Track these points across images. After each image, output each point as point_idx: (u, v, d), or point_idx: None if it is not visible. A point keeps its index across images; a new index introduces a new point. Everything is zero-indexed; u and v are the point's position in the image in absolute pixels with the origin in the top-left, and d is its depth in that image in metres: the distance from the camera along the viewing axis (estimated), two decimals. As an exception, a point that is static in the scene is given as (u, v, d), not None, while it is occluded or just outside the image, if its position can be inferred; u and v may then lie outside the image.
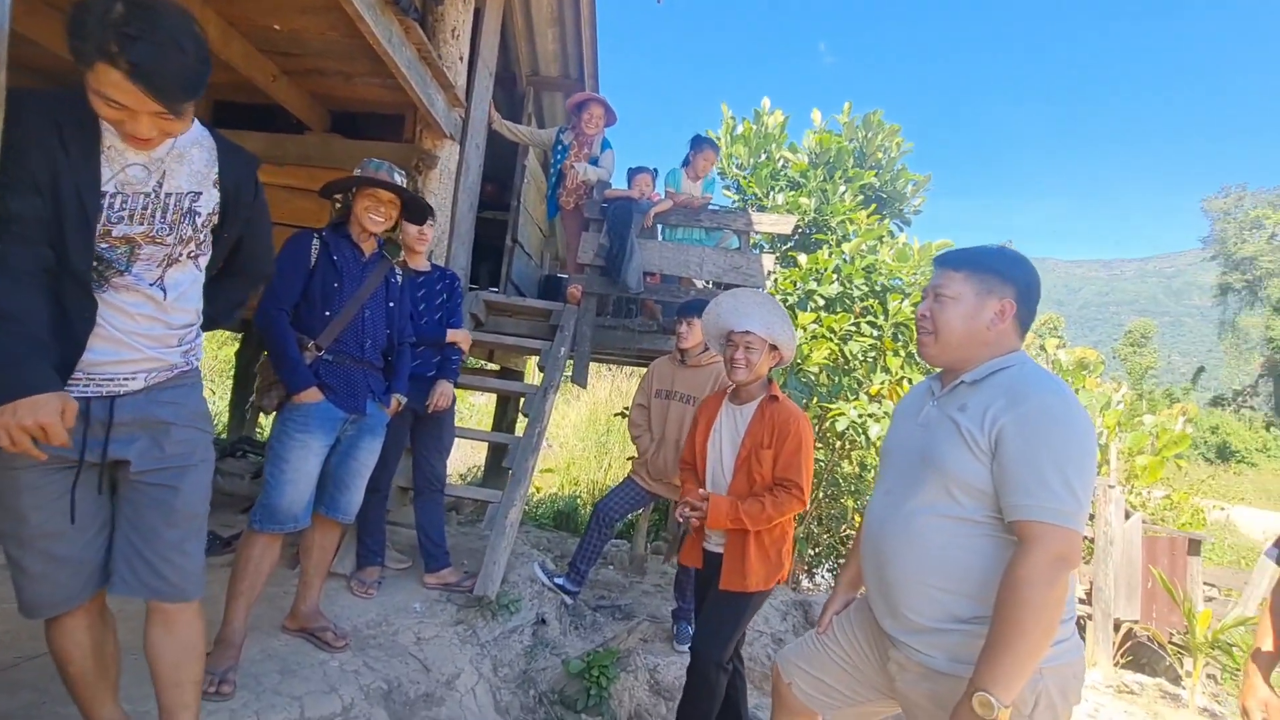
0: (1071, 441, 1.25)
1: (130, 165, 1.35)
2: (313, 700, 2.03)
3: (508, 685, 2.73)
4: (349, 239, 2.38)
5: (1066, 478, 1.22)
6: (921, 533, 1.38)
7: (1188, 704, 4.74)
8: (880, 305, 4.44)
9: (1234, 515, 10.73)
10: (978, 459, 1.31)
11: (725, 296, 2.35)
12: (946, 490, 1.35)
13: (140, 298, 1.39)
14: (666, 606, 3.56)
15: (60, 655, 1.47)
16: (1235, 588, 6.40)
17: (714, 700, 2.21)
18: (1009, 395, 1.32)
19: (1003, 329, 1.43)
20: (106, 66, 1.17)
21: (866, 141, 5.85)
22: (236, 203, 1.53)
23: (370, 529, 2.94)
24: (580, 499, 7.61)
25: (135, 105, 1.22)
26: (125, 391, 1.38)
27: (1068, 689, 1.29)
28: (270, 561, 2.17)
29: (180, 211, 1.42)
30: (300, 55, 3.63)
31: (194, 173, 1.44)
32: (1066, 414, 1.27)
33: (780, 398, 2.28)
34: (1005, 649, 1.18)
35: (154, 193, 1.38)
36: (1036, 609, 1.18)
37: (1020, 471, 1.25)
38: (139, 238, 1.37)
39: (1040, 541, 1.20)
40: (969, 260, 1.48)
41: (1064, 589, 1.20)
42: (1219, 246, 41.37)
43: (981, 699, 1.17)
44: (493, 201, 5.42)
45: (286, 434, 2.18)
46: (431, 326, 3.02)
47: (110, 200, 1.33)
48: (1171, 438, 5.95)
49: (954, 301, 1.46)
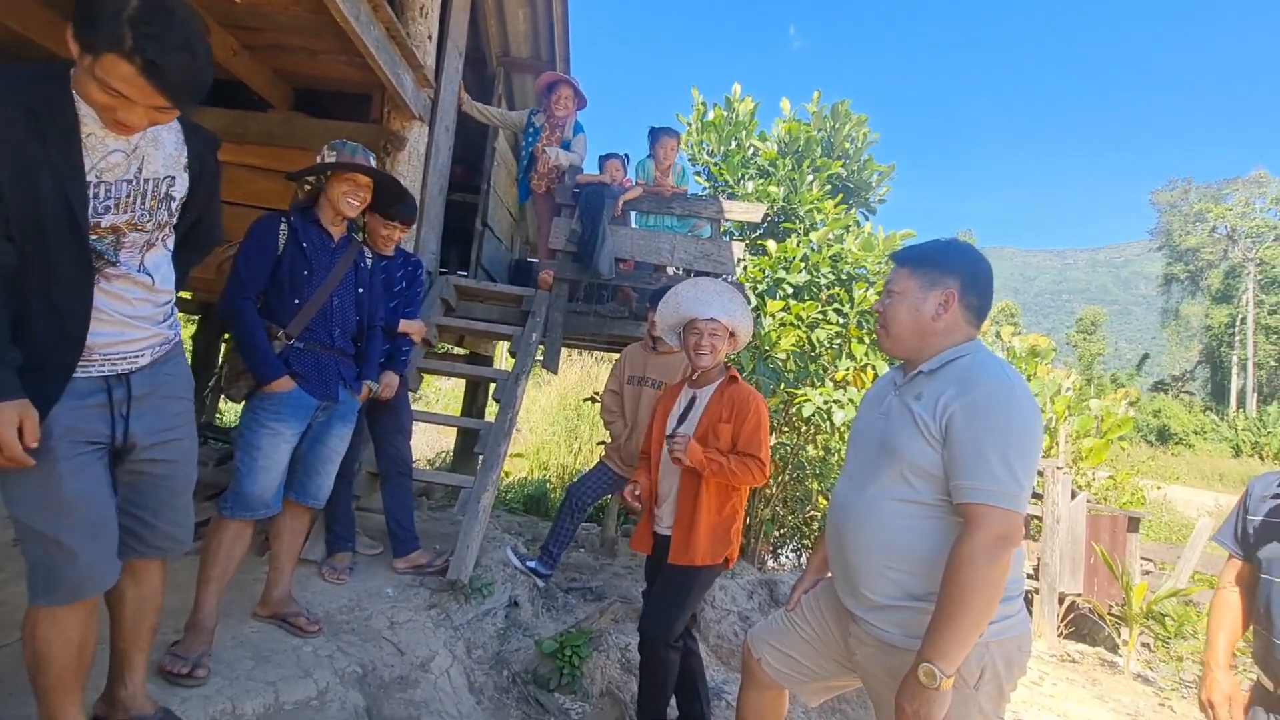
0: (1014, 427, 1.32)
1: (112, 152, 1.34)
2: (287, 685, 2.04)
3: (481, 666, 2.77)
4: (317, 223, 2.34)
5: (1008, 461, 1.29)
6: (879, 516, 1.45)
7: (1124, 671, 5.06)
8: (846, 293, 4.55)
9: (1170, 494, 11.36)
10: (930, 445, 1.39)
11: (684, 285, 2.40)
12: (902, 475, 1.43)
13: (132, 284, 1.42)
14: (637, 588, 3.64)
15: (44, 653, 1.41)
16: (1170, 561, 6.81)
17: (668, 677, 2.28)
18: (959, 383, 1.39)
19: (949, 319, 1.49)
20: (117, 59, 1.18)
21: (834, 131, 5.94)
22: (201, 183, 1.54)
23: (339, 515, 2.92)
24: (550, 483, 7.64)
25: (140, 99, 1.23)
26: (137, 368, 1.44)
27: (1013, 661, 1.38)
28: (241, 548, 2.16)
29: (158, 197, 1.42)
30: (262, 30, 3.52)
31: (167, 157, 1.44)
32: (1010, 400, 1.34)
33: (738, 379, 2.36)
34: (948, 624, 1.26)
35: (134, 179, 1.38)
36: (977, 586, 1.25)
37: (965, 455, 1.32)
38: (124, 226, 1.37)
39: (982, 522, 1.28)
40: (913, 256, 1.56)
41: (1004, 568, 1.28)
42: (1165, 238, 43.22)
43: (926, 670, 1.26)
44: (462, 184, 5.35)
45: (258, 422, 2.17)
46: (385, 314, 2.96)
47: (95, 190, 1.32)
48: (1115, 421, 6.27)
49: (901, 296, 1.54)
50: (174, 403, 1.53)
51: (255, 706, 1.92)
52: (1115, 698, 4.48)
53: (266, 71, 4.01)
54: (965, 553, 1.27)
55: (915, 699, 1.28)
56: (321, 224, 2.34)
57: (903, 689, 1.31)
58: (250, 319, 2.17)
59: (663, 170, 4.48)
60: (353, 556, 2.98)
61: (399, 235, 2.95)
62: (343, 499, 2.91)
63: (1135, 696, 4.55)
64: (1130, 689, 4.70)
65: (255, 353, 2.15)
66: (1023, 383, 1.40)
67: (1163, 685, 4.93)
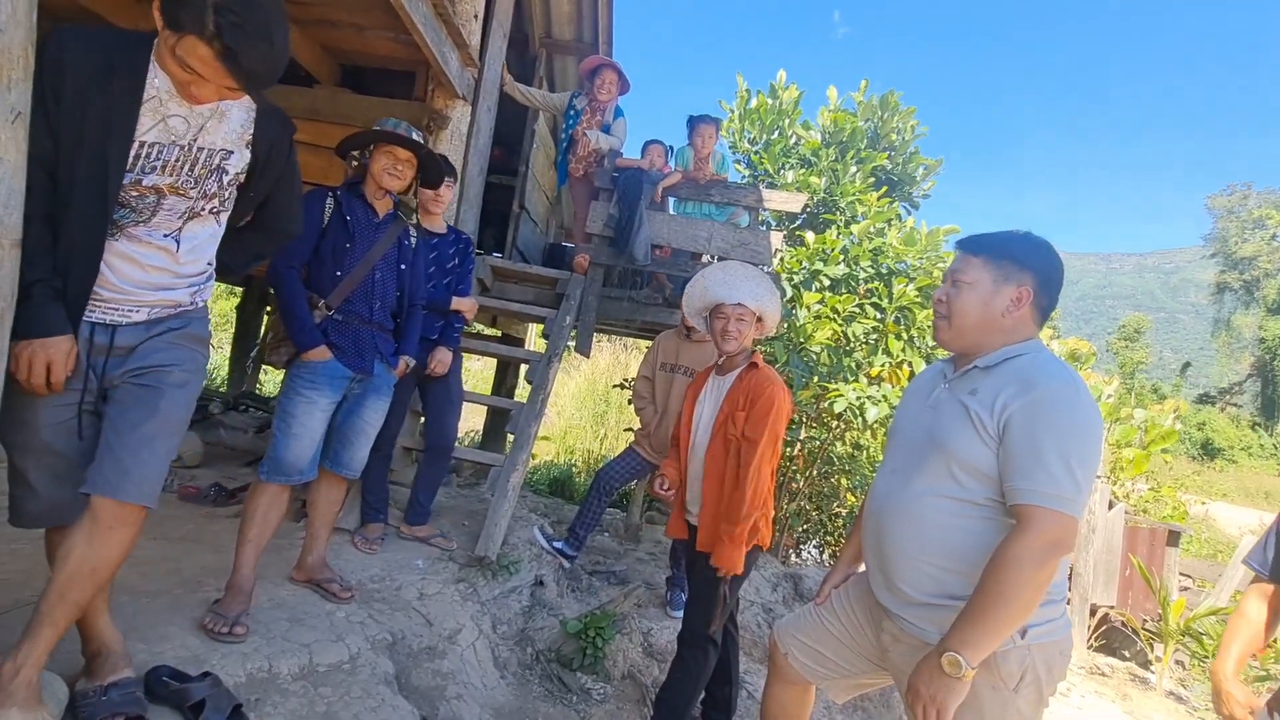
0: (1077, 429, 1.27)
1: (172, 116, 1.36)
2: (321, 648, 2.09)
3: (506, 642, 2.81)
4: (363, 198, 2.38)
5: (1068, 464, 1.24)
6: (922, 511, 1.41)
7: (1156, 687, 4.92)
8: (885, 288, 4.45)
9: (1213, 510, 10.96)
10: (984, 443, 1.34)
11: (711, 269, 2.36)
12: (949, 471, 1.38)
13: (153, 249, 1.41)
14: (660, 573, 3.65)
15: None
16: (1210, 579, 6.59)
17: (702, 677, 2.25)
18: (1020, 382, 1.33)
19: (1019, 316, 1.43)
20: (198, 41, 1.21)
21: (882, 122, 5.79)
22: (268, 164, 1.55)
23: (373, 487, 2.98)
24: (576, 467, 7.69)
25: (214, 80, 1.27)
26: (128, 322, 1.42)
27: (1053, 665, 1.34)
28: (278, 512, 2.21)
29: (209, 168, 1.43)
30: (312, 4, 3.55)
31: (230, 131, 1.45)
32: (1075, 402, 1.29)
33: (761, 366, 2.30)
34: (982, 618, 1.23)
35: (189, 146, 1.39)
36: (1019, 587, 1.21)
37: (1023, 456, 1.27)
38: (165, 189, 1.39)
39: (1035, 524, 1.23)
40: (988, 246, 1.48)
41: (1051, 572, 1.24)
42: (1219, 245, 41.39)
43: (951, 659, 1.23)
44: (500, 166, 5.36)
45: (295, 390, 2.21)
46: (439, 291, 3.01)
47: (147, 150, 1.34)
48: (1160, 433, 6.05)
49: (970, 287, 1.46)
50: (172, 345, 1.46)
51: (290, 666, 1.97)
52: (1146, 715, 4.36)
53: (314, 47, 4.05)
54: (1014, 552, 1.23)
55: (933, 684, 1.26)
56: (367, 199, 2.37)
57: (920, 672, 1.29)
58: (293, 286, 2.22)
59: (701, 158, 4.42)
60: (384, 528, 3.04)
61: (448, 195, 2.99)
62: (378, 471, 2.96)
63: (1167, 715, 4.42)
64: (1162, 706, 4.57)
65: (295, 320, 2.20)
66: (1085, 386, 1.34)
67: (1196, 704, 4.78)
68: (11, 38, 1.15)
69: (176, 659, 1.81)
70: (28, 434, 1.36)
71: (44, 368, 1.29)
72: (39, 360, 1.29)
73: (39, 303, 1.29)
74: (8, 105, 1.16)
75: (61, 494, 1.41)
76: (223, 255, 1.60)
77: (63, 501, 1.42)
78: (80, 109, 1.26)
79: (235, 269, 1.73)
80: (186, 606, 2.11)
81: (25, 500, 1.41)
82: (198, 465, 3.80)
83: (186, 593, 2.23)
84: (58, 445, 1.38)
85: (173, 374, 1.45)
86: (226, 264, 1.65)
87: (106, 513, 1.36)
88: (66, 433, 1.39)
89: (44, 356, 1.29)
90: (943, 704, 1.25)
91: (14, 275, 1.23)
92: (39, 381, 1.30)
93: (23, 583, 2.08)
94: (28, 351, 1.28)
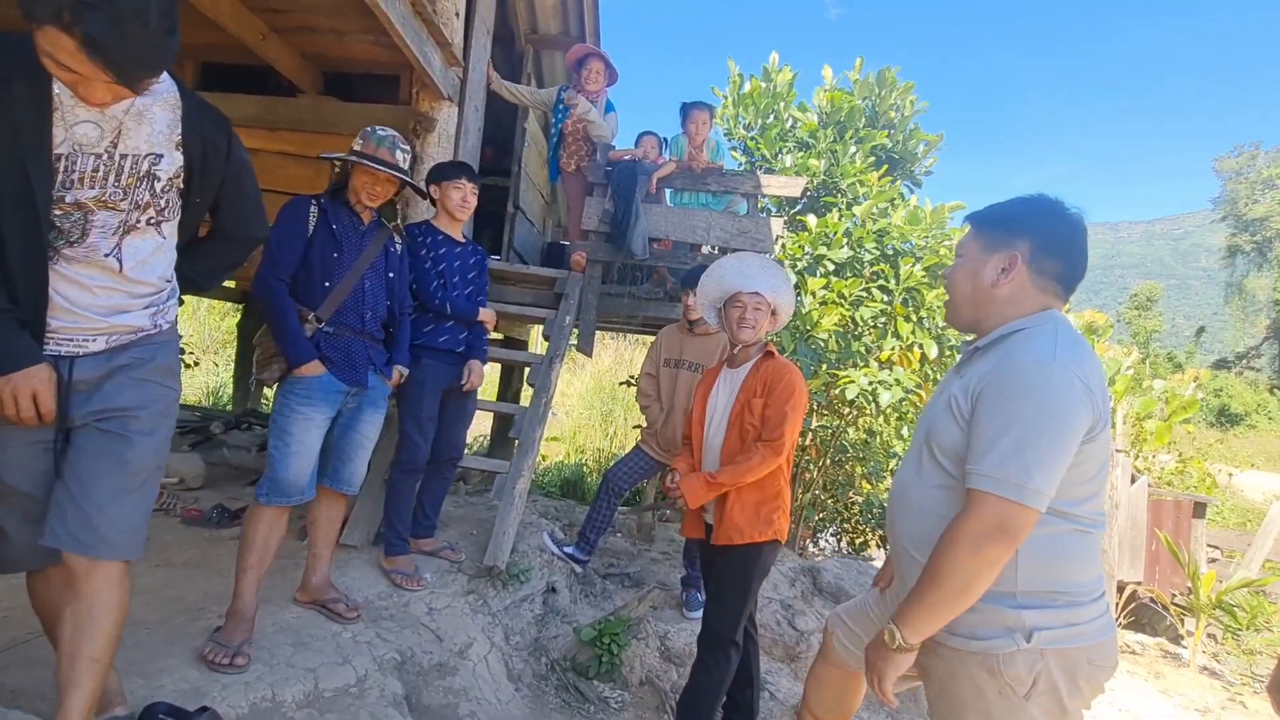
0: (1038, 411, 1.16)
1: (82, 123, 1.25)
2: (327, 671, 2.03)
3: (520, 653, 2.74)
4: (347, 206, 2.31)
5: (1022, 449, 1.15)
6: (916, 502, 1.37)
7: (1189, 663, 4.81)
8: (891, 270, 4.34)
9: (1238, 479, 10.77)
10: (958, 425, 1.27)
11: (728, 259, 2.33)
12: (935, 458, 1.32)
13: (95, 269, 1.31)
14: (675, 574, 3.57)
15: (44, 610, 1.44)
16: (1239, 549, 6.45)
17: (724, 681, 2.19)
18: (997, 360, 1.26)
19: (1013, 286, 1.32)
20: (58, 33, 1.06)
21: (880, 100, 5.65)
22: (205, 165, 1.43)
23: (401, 512, 2.81)
24: (586, 467, 7.63)
25: (89, 74, 1.12)
26: (85, 352, 1.33)
27: (1077, 674, 1.21)
28: (278, 534, 2.16)
29: (136, 175, 1.32)
30: (290, 11, 3.49)
31: (154, 133, 1.33)
32: (1043, 382, 1.18)
33: (775, 355, 2.29)
34: (919, 595, 1.23)
35: (107, 154, 1.28)
36: (953, 568, 1.18)
37: (978, 436, 1.21)
38: (91, 203, 1.28)
39: (979, 509, 1.17)
40: (982, 215, 1.42)
41: (988, 560, 1.16)
42: (1229, 207, 40.70)
43: (889, 630, 1.27)
44: (492, 167, 5.28)
45: (289, 407, 2.15)
46: (463, 301, 2.88)
47: (62, 163, 1.24)
48: (1181, 403, 5.92)
49: (961, 262, 1.41)
50: (138, 382, 1.37)
51: (295, 694, 1.91)
52: (1181, 692, 4.25)
53: (295, 55, 3.98)
54: (954, 532, 1.19)
55: (873, 652, 1.32)
56: (351, 206, 2.30)
57: (871, 642, 1.35)
58: (282, 300, 2.15)
59: (696, 146, 4.32)
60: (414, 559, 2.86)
61: (473, 201, 2.90)
62: (406, 496, 2.82)
63: (1202, 691, 4.31)
64: (1196, 683, 4.46)
65: (286, 334, 2.13)
66: (1071, 364, 1.19)
67: (1232, 679, 4.66)
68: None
69: (176, 692, 1.75)
70: None
71: (30, 400, 1.23)
72: (23, 393, 1.22)
73: (5, 335, 1.22)
74: None
75: (34, 536, 1.34)
76: (187, 269, 1.51)
77: (36, 544, 1.35)
78: None
79: (202, 283, 1.63)
80: (188, 635, 2.06)
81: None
82: (200, 487, 3.75)
83: (188, 621, 2.18)
84: (24, 486, 1.31)
85: (140, 419, 1.36)
86: (191, 279, 1.56)
87: (78, 565, 1.30)
88: (36, 474, 1.32)
89: (27, 389, 1.23)
90: (880, 672, 1.29)
91: None
92: (29, 416, 1.24)
93: (20, 619, 2.03)
94: (9, 387, 1.22)
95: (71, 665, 1.30)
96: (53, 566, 1.39)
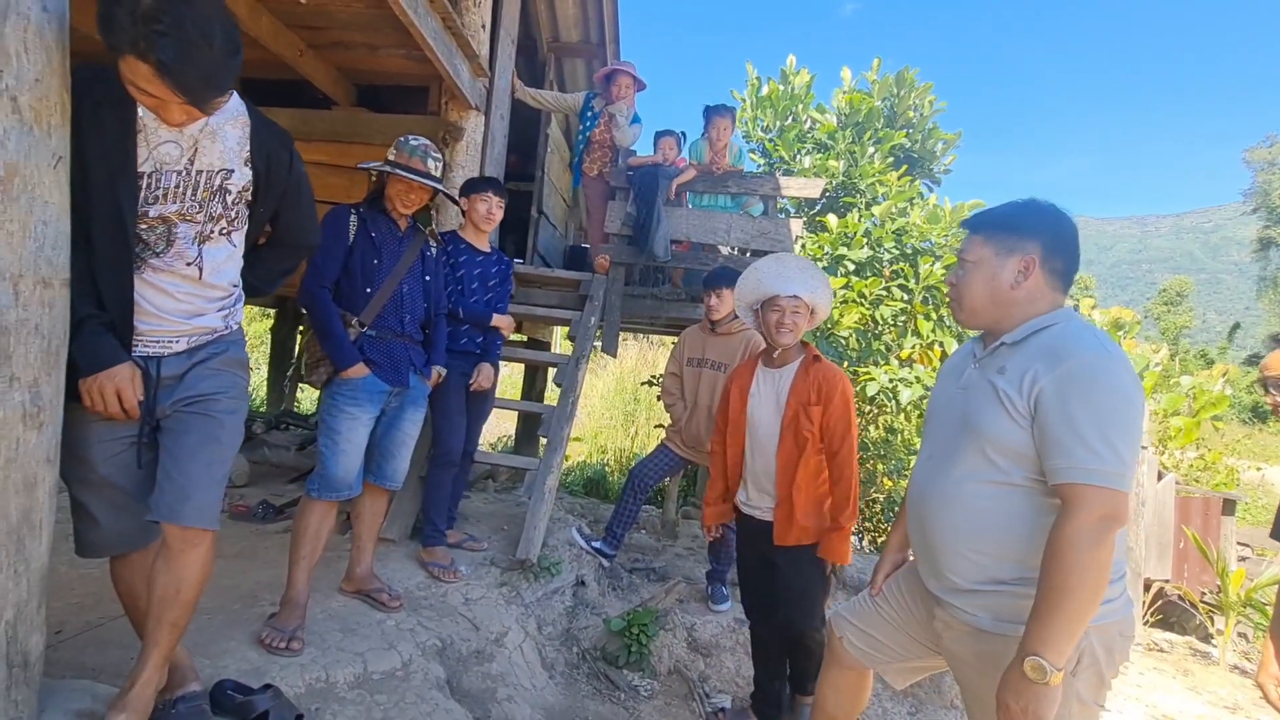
0: (1113, 400, 1.23)
1: (164, 143, 1.37)
2: (374, 656, 2.14)
3: (552, 643, 2.84)
4: (385, 214, 2.42)
5: (1108, 437, 1.20)
6: (961, 497, 1.39)
7: (1218, 661, 4.76)
8: (911, 269, 4.38)
9: (1269, 475, 10.54)
10: (1016, 422, 1.30)
11: (766, 261, 2.34)
12: (984, 454, 1.35)
13: (178, 278, 1.44)
14: (700, 568, 3.65)
15: (127, 592, 1.56)
16: (1270, 547, 6.34)
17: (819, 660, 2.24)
18: (1049, 356, 1.30)
19: (1031, 287, 1.40)
20: (135, 60, 1.18)
21: (899, 100, 5.68)
22: (269, 178, 1.55)
23: (438, 506, 2.93)
24: (609, 466, 7.73)
25: (165, 96, 1.23)
26: (170, 352, 1.46)
27: (1113, 647, 1.30)
28: (328, 527, 2.28)
29: (211, 189, 1.44)
30: (326, 28, 3.63)
31: (226, 150, 1.46)
32: (1108, 371, 1.24)
33: (823, 359, 2.31)
34: (1053, 612, 1.18)
35: (185, 170, 1.40)
36: (1082, 571, 1.17)
37: (1060, 433, 1.23)
38: (174, 216, 1.41)
39: (1083, 503, 1.20)
40: (987, 221, 1.47)
41: (1110, 550, 1.20)
42: (1261, 199, 39.59)
43: (1034, 663, 1.17)
44: (516, 173, 5.40)
45: (337, 407, 2.26)
46: (479, 307, 3.02)
47: (147, 180, 1.36)
48: (1209, 399, 5.84)
49: (975, 266, 1.45)
50: (217, 375, 1.50)
51: (346, 675, 2.03)
52: (1210, 690, 4.22)
53: (330, 69, 4.14)
54: (1067, 536, 1.19)
55: (1022, 695, 1.19)
56: (388, 214, 2.41)
57: (1006, 684, 1.22)
58: (327, 307, 2.26)
59: (717, 151, 4.39)
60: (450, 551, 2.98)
61: (499, 214, 3.03)
62: (441, 490, 2.93)
63: (1232, 689, 4.27)
64: (1226, 680, 4.42)
65: (332, 339, 2.24)
66: (1121, 353, 1.29)
67: (1263, 678, 4.61)
68: (49, 86, 1.20)
69: (239, 672, 1.88)
70: (85, 469, 1.42)
71: (115, 396, 1.35)
72: (108, 390, 1.34)
73: (92, 338, 1.34)
74: (49, 150, 1.21)
75: (121, 523, 1.47)
76: (248, 276, 1.63)
77: (123, 530, 1.48)
78: (79, 150, 1.28)
79: (263, 288, 1.75)
80: (244, 621, 2.19)
81: (88, 531, 1.47)
82: (245, 484, 3.92)
83: (244, 608, 2.31)
84: (115, 478, 1.43)
85: (221, 401, 1.50)
86: (253, 285, 1.68)
87: (174, 537, 1.43)
88: (122, 466, 1.44)
89: (111, 386, 1.34)
90: (1037, 714, 1.18)
91: (66, 314, 1.29)
92: (115, 410, 1.36)
93: (93, 605, 2.18)
94: (95, 385, 1.34)
95: (157, 627, 1.44)
96: (136, 552, 1.52)
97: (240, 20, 3.27)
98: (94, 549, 1.49)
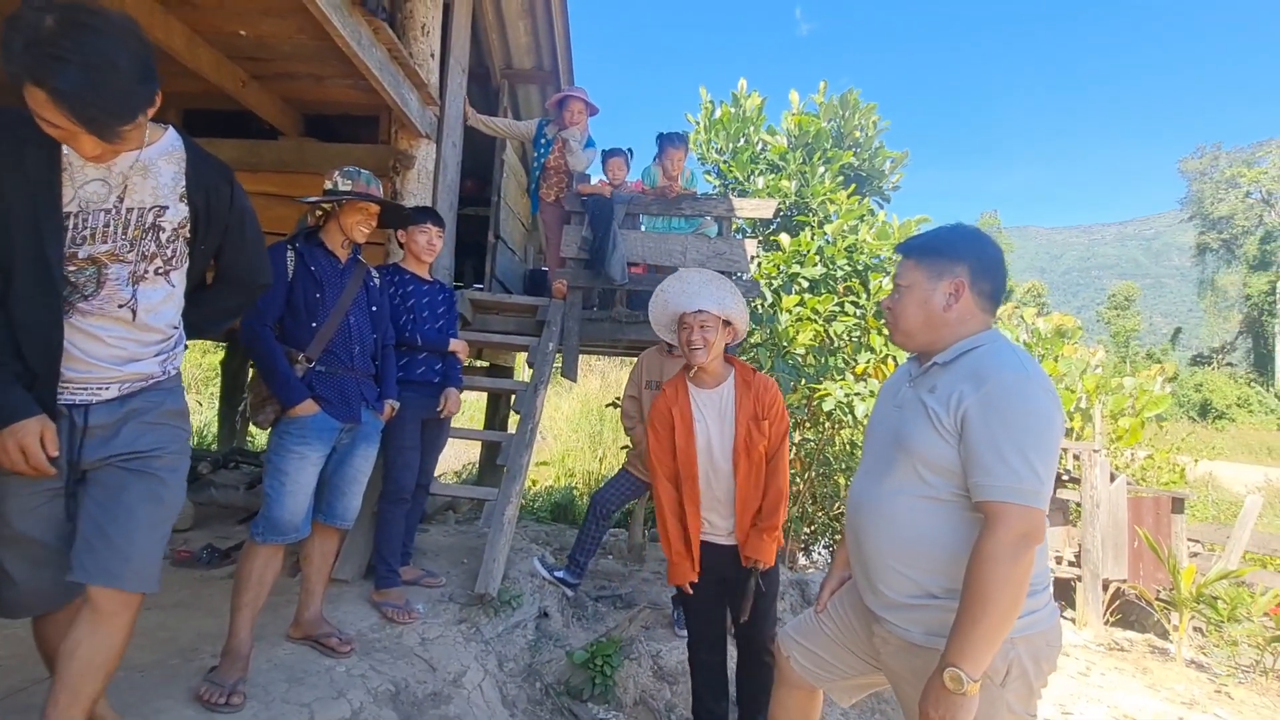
0: (1032, 421, 1.28)
1: (90, 181, 1.32)
2: (322, 706, 2.06)
3: (514, 679, 2.77)
4: (323, 247, 2.37)
5: (1026, 456, 1.25)
6: (893, 513, 1.42)
7: (1175, 658, 4.89)
8: (862, 285, 4.49)
9: (1216, 471, 10.98)
10: (944, 440, 1.35)
11: (670, 281, 2.27)
12: (915, 470, 1.39)
13: (110, 321, 1.37)
14: (666, 593, 3.62)
15: (53, 653, 1.45)
16: (1218, 542, 6.57)
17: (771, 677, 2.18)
18: (973, 377, 1.34)
19: (961, 309, 1.45)
20: (34, 88, 1.11)
21: (844, 121, 5.86)
22: (209, 214, 1.48)
23: (391, 544, 2.85)
24: (577, 490, 7.65)
25: (66, 126, 1.15)
26: (98, 400, 1.38)
27: (1041, 657, 1.33)
28: (273, 572, 2.19)
29: (143, 227, 1.38)
30: (269, 60, 3.59)
31: (159, 186, 1.39)
32: (1026, 393, 1.29)
33: (749, 368, 2.29)
34: (972, 625, 1.22)
35: (115, 208, 1.34)
36: (1000, 585, 1.21)
37: (982, 452, 1.28)
38: (104, 257, 1.34)
39: (1003, 520, 1.24)
40: (917, 246, 1.52)
41: (1027, 565, 1.24)
42: (1196, 207, 41.85)
43: (952, 674, 1.22)
44: (473, 198, 5.39)
45: (285, 447, 2.19)
46: (434, 334, 3.00)
47: (73, 220, 1.30)
48: (1151, 398, 6.07)
49: (908, 290, 1.50)
50: (155, 429, 1.43)
51: (291, 729, 1.94)
52: (1168, 686, 4.33)
53: (276, 100, 4.08)
54: (986, 551, 1.24)
55: (940, 705, 1.23)
56: (327, 247, 2.37)
57: (927, 694, 1.26)
58: (270, 344, 2.20)
59: (670, 178, 4.44)
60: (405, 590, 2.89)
61: (439, 244, 3.02)
62: (395, 527, 2.85)
63: (1189, 684, 4.39)
64: (1184, 676, 4.54)
65: (278, 377, 2.18)
66: (1040, 373, 1.34)
67: (1218, 671, 4.75)
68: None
69: (173, 733, 1.78)
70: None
71: (19, 453, 1.26)
72: (11, 447, 1.26)
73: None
74: None
75: (41, 581, 1.38)
76: (192, 316, 1.56)
77: (43, 589, 1.39)
78: (1, 191, 1.22)
79: (208, 329, 1.68)
80: (183, 676, 2.09)
81: (5, 589, 1.38)
82: (189, 528, 3.76)
83: (183, 662, 2.20)
84: (33, 533, 1.35)
85: (163, 458, 1.43)
86: (198, 325, 1.60)
87: (109, 601, 1.34)
88: (43, 520, 1.36)
89: (14, 443, 1.26)
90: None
91: None
92: (22, 468, 1.27)
93: (17, 668, 2.05)
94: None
95: (73, 702, 1.31)
96: (59, 611, 1.43)
97: (178, 52, 3.22)
98: (12, 609, 1.40)
